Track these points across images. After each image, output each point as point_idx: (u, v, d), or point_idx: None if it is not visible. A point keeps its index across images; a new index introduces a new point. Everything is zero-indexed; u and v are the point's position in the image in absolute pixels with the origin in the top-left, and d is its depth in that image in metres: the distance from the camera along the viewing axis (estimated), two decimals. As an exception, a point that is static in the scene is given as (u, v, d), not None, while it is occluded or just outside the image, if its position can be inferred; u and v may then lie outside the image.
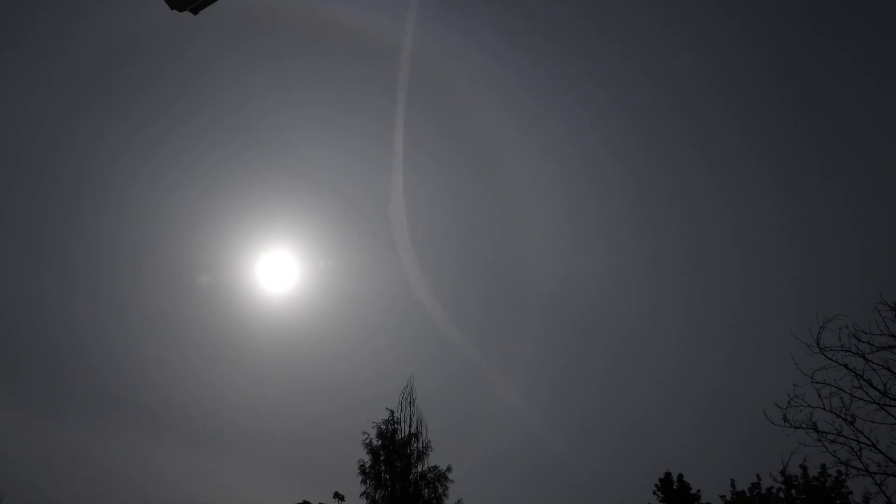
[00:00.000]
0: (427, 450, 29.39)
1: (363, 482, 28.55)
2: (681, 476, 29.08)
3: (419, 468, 28.96)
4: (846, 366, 11.84)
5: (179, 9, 7.06)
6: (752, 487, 24.96)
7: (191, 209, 65.34)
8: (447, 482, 28.69)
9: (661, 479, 29.12)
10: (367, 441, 29.41)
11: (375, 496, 28.16)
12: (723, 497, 25.87)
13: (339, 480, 33.13)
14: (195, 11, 7.19)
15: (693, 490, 28.69)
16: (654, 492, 29.08)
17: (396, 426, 29.74)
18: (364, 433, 29.60)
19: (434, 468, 28.99)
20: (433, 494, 28.32)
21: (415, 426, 29.83)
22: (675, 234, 67.03)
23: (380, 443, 29.32)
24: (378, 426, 29.74)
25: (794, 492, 22.57)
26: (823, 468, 21.99)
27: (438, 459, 29.44)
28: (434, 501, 28.20)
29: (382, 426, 29.75)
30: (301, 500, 29.19)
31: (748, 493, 24.82)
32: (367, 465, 28.88)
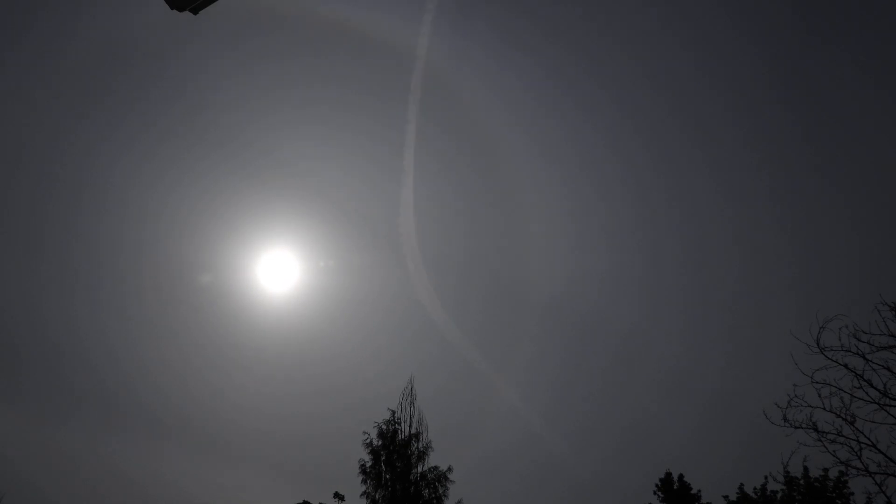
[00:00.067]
0: (427, 450, 29.43)
1: (364, 482, 28.57)
2: (681, 476, 29.08)
3: (420, 468, 28.98)
4: (846, 366, 11.86)
5: (179, 9, 7.07)
6: (759, 490, 24.87)
7: (191, 209, 65.43)
8: (447, 483, 28.71)
9: (662, 479, 29.12)
10: (368, 441, 29.43)
11: (376, 496, 28.13)
12: (726, 497, 25.83)
13: (340, 480, 33.21)
14: (195, 11, 7.21)
15: (693, 490, 28.69)
16: (655, 492, 29.09)
17: (397, 426, 29.74)
18: (365, 433, 29.66)
19: (434, 468, 29.00)
20: (433, 495, 28.30)
21: (415, 426, 29.87)
22: (675, 234, 67.10)
23: (380, 443, 29.31)
24: (379, 426, 29.77)
25: (797, 494, 22.51)
26: (826, 472, 21.93)
27: (438, 459, 29.51)
28: (434, 502, 28.19)
29: (383, 426, 29.76)
30: (301, 500, 29.20)
31: (753, 495, 24.75)
32: (368, 465, 28.87)
